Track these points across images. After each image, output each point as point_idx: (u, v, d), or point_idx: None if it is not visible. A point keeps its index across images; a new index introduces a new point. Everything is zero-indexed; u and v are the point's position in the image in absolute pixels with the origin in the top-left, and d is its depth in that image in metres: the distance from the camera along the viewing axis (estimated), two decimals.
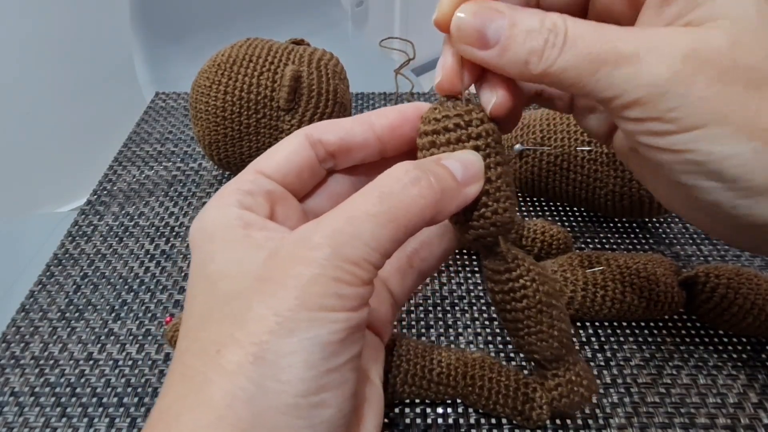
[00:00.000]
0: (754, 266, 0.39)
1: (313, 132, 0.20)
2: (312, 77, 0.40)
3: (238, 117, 0.40)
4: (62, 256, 0.41)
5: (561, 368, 0.23)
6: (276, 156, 0.20)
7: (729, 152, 0.16)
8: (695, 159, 0.17)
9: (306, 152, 0.20)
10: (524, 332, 0.21)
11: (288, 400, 0.15)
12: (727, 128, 0.16)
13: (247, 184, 0.19)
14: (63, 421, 0.30)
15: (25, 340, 0.34)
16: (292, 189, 0.20)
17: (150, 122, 0.57)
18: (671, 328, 0.35)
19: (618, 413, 0.30)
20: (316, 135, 0.20)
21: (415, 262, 0.24)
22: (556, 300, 0.22)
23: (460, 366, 0.28)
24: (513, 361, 0.33)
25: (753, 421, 0.29)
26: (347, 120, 0.20)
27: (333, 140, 0.20)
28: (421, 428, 0.29)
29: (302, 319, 0.15)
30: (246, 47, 0.41)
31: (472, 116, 0.19)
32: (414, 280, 0.24)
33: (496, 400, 0.27)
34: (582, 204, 0.42)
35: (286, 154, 0.20)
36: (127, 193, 0.47)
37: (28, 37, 1.05)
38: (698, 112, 0.16)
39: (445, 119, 0.19)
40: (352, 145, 0.20)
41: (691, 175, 0.17)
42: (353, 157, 0.21)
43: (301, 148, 0.20)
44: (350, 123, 0.20)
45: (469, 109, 0.19)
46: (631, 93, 0.17)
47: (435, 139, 0.19)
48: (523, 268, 0.21)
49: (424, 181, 0.17)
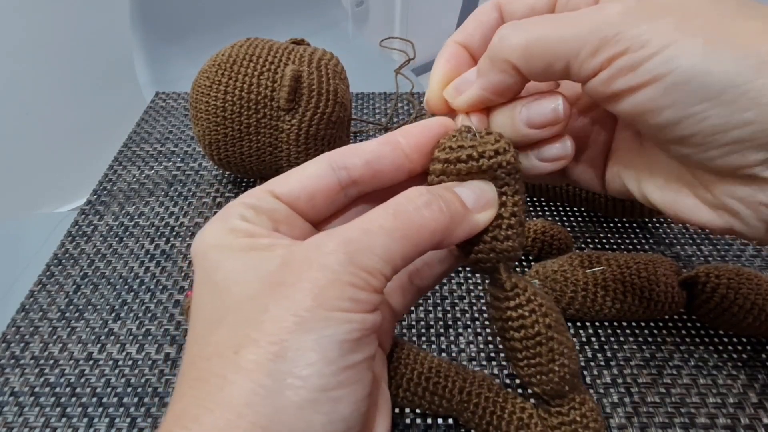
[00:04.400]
0: (755, 266, 0.39)
1: (337, 158, 0.20)
2: (312, 77, 0.40)
3: (239, 117, 0.40)
4: (62, 256, 0.41)
5: (565, 406, 0.22)
6: (291, 178, 0.19)
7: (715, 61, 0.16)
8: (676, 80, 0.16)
9: (326, 179, 0.19)
10: (523, 363, 0.21)
11: (308, 395, 0.15)
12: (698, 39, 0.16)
13: (252, 200, 0.19)
14: (63, 421, 0.30)
15: (25, 340, 0.34)
16: (304, 213, 0.20)
17: (150, 122, 0.57)
18: (671, 328, 0.35)
19: (618, 413, 0.30)
20: (340, 160, 0.19)
21: (415, 280, 0.24)
22: (560, 334, 0.21)
23: (459, 380, 0.28)
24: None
25: (753, 421, 0.29)
26: (372, 143, 0.20)
27: (359, 165, 0.19)
28: (421, 428, 0.29)
29: (320, 319, 0.15)
30: (246, 47, 0.41)
31: (486, 148, 0.19)
32: (413, 297, 0.25)
33: (490, 420, 0.26)
34: (582, 204, 0.42)
35: (303, 177, 0.19)
36: (127, 193, 0.47)
37: (28, 37, 1.05)
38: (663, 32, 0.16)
39: (460, 149, 0.19)
40: (381, 167, 0.20)
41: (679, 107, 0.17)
42: (381, 180, 0.20)
43: (321, 174, 0.19)
44: (376, 145, 0.20)
45: (484, 141, 0.19)
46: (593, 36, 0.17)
47: (446, 168, 0.19)
48: (523, 298, 0.20)
49: (435, 204, 0.17)
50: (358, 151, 0.20)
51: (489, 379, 0.28)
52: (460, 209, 0.18)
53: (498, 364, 0.33)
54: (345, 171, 0.19)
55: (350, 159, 0.19)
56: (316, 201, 0.20)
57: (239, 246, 0.17)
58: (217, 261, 0.17)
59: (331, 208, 0.20)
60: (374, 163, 0.20)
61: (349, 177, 0.20)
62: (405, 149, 0.20)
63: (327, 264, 0.16)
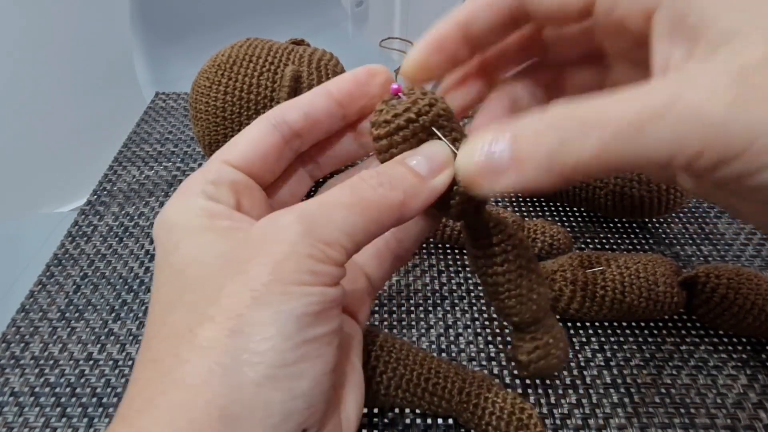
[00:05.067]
0: (755, 266, 0.39)
1: (276, 114, 0.20)
2: (312, 77, 0.40)
3: (238, 117, 0.40)
4: (62, 256, 0.41)
5: (539, 331, 0.23)
6: (239, 144, 0.20)
7: None
8: None
9: (270, 136, 0.20)
10: (504, 296, 0.22)
11: (265, 371, 0.14)
12: None
13: (212, 174, 0.19)
14: (63, 421, 0.30)
15: (25, 340, 0.34)
16: (259, 176, 0.20)
17: (150, 122, 0.57)
18: (671, 328, 0.35)
19: (618, 413, 0.30)
20: (279, 116, 0.20)
21: (391, 245, 0.23)
22: (535, 265, 0.22)
23: (458, 381, 0.28)
24: (513, 361, 0.33)
25: (753, 421, 0.29)
26: (305, 95, 0.20)
27: (297, 117, 0.20)
28: (421, 428, 0.29)
29: (277, 292, 0.15)
30: (246, 47, 0.41)
31: (420, 105, 0.18)
32: (391, 264, 0.24)
33: (489, 421, 0.27)
34: (582, 204, 0.42)
35: (249, 140, 0.20)
36: (127, 193, 0.47)
37: (28, 37, 1.05)
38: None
39: (395, 118, 0.18)
40: (317, 117, 0.20)
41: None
42: (319, 130, 0.21)
43: (264, 133, 0.20)
44: (310, 96, 0.20)
45: (414, 99, 0.18)
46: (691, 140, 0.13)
47: (391, 141, 0.19)
48: (504, 234, 0.21)
49: (386, 183, 0.17)
50: (295, 105, 0.20)
51: (489, 379, 0.28)
52: (412, 181, 0.18)
53: (498, 364, 0.33)
54: (286, 125, 0.20)
55: (289, 113, 0.20)
56: (268, 160, 0.20)
57: (198, 226, 0.17)
58: (175, 241, 0.17)
59: (282, 165, 0.21)
60: (311, 114, 0.20)
61: (291, 130, 0.20)
62: (337, 97, 0.20)
63: (284, 237, 0.15)
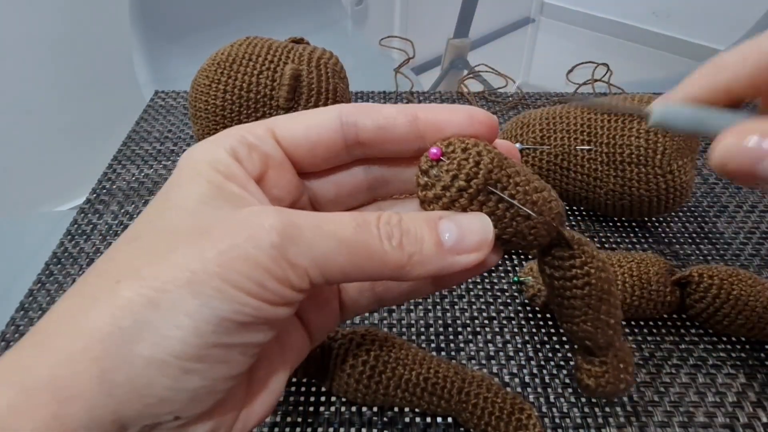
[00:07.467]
0: (753, 265, 0.39)
1: (351, 111, 0.18)
2: (312, 76, 0.40)
3: (238, 116, 0.40)
4: (61, 254, 0.41)
5: (609, 354, 0.22)
6: (296, 122, 0.18)
7: None
8: None
9: (332, 133, 0.18)
10: (580, 319, 0.21)
11: (159, 355, 0.14)
12: None
13: (252, 137, 0.17)
14: None
15: None
16: (298, 163, 0.18)
17: (149, 121, 0.57)
18: (670, 327, 0.35)
19: (617, 412, 0.30)
20: (352, 115, 0.18)
21: (376, 285, 0.22)
22: (614, 287, 0.21)
23: (457, 381, 0.28)
24: (512, 360, 0.33)
25: (752, 420, 0.29)
26: (389, 107, 0.18)
27: (369, 126, 0.18)
28: (420, 427, 0.29)
29: (212, 286, 0.14)
30: (245, 46, 0.41)
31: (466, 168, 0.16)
32: (369, 302, 0.22)
33: (488, 421, 0.27)
34: (582, 203, 0.42)
35: (307, 125, 0.18)
36: (127, 191, 0.47)
37: (27, 36, 1.05)
38: None
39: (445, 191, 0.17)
40: (392, 135, 0.18)
41: None
42: (387, 149, 0.19)
43: (326, 128, 0.18)
44: (393, 111, 0.18)
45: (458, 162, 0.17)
46: None
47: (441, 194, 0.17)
48: (588, 255, 0.20)
49: (395, 240, 0.16)
50: (372, 112, 0.18)
51: (488, 379, 0.28)
52: (429, 249, 0.16)
53: (497, 363, 0.33)
54: (354, 129, 0.18)
55: (362, 118, 0.18)
56: (317, 152, 0.18)
57: (208, 179, 0.16)
58: (185, 181, 0.16)
59: (330, 164, 0.19)
60: (386, 130, 0.18)
61: (357, 136, 0.18)
62: (420, 125, 0.18)
63: (256, 238, 0.14)
